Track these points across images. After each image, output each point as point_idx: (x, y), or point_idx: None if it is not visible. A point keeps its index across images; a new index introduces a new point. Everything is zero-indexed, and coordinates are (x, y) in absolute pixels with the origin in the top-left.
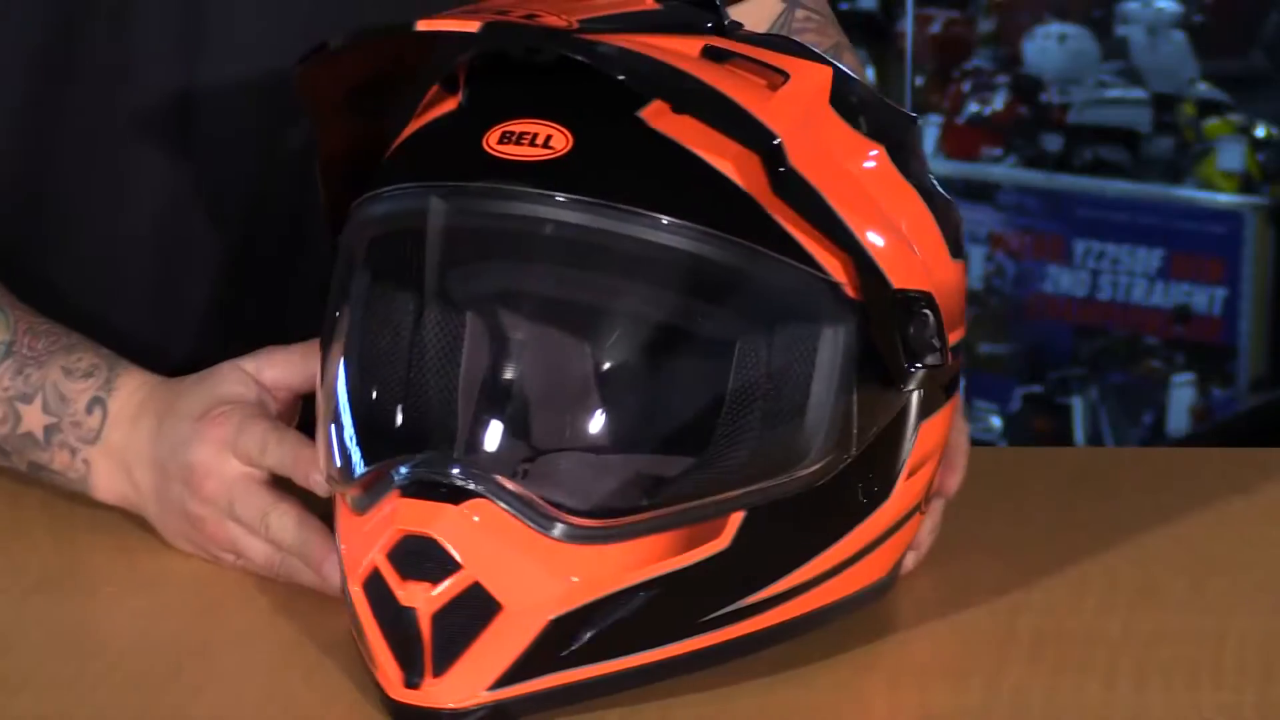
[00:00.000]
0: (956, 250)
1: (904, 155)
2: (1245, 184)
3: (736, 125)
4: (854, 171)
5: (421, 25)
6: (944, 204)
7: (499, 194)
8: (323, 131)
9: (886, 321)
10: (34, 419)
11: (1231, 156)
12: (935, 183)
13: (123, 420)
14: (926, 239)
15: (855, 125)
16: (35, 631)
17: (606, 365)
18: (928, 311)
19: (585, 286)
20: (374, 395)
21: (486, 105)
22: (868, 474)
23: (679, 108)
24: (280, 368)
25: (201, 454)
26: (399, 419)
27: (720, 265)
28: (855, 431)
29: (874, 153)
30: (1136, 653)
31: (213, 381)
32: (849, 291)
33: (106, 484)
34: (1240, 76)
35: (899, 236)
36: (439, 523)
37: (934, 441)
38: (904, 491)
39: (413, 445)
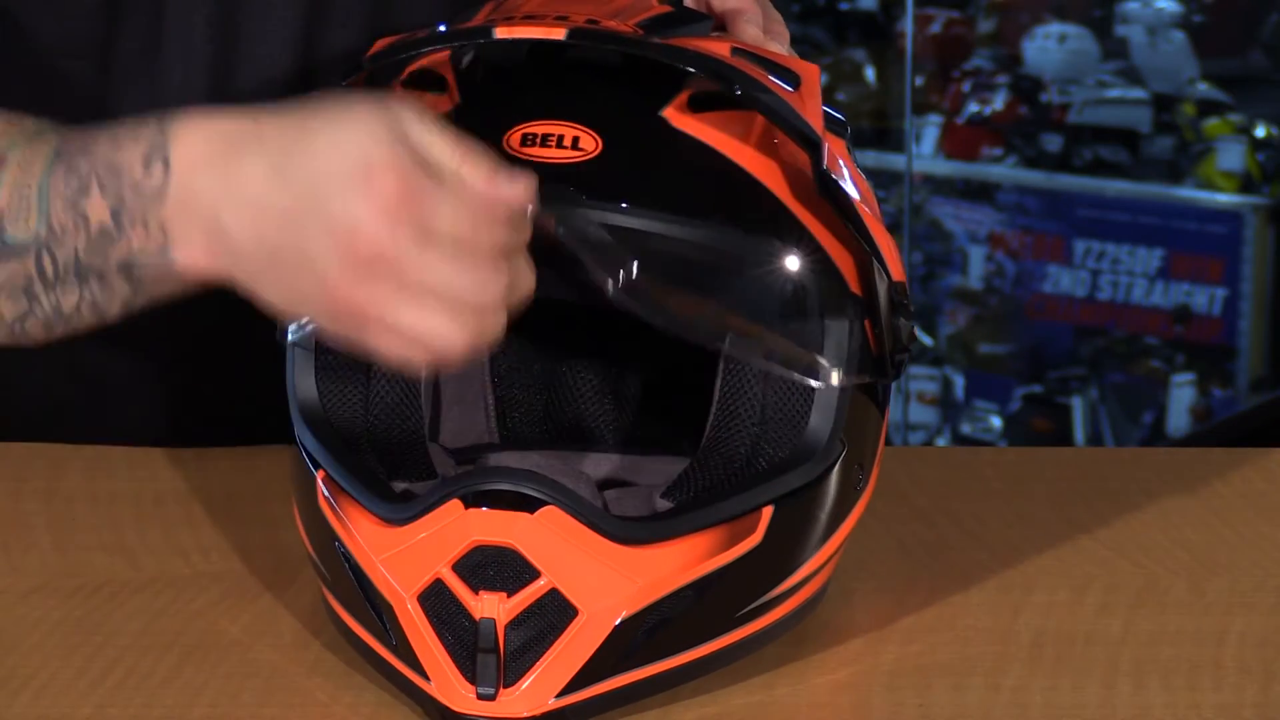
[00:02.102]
0: None
1: (852, 149)
2: (1245, 184)
3: (794, 127)
4: (851, 167)
5: (501, 32)
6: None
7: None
8: None
9: (889, 312)
10: (98, 209)
11: (1231, 156)
12: None
13: (198, 163)
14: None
15: (828, 119)
16: (35, 631)
17: (659, 366)
18: (907, 302)
19: (635, 289)
20: (409, 407)
21: (493, 106)
22: (858, 461)
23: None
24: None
25: (366, 214)
26: (447, 429)
27: (764, 265)
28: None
29: (847, 146)
30: (1136, 653)
31: (360, 134)
32: (852, 285)
33: (186, 246)
34: (1240, 76)
35: (884, 227)
36: (518, 532)
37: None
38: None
39: (459, 455)
